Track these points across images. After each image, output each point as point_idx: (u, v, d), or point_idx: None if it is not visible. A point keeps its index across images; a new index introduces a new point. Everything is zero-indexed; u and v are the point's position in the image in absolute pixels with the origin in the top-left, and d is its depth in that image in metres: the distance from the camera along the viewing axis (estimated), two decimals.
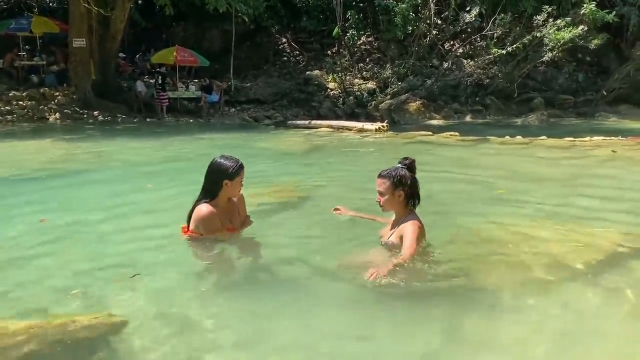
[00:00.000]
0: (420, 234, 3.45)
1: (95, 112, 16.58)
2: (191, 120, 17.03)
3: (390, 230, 3.61)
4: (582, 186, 6.04)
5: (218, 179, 3.63)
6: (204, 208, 3.61)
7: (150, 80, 19.36)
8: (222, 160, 3.66)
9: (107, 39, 18.24)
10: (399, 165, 3.55)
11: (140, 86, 18.42)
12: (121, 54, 21.75)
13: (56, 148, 9.85)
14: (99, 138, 11.87)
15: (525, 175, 6.75)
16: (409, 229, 3.40)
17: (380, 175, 3.55)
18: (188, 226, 3.74)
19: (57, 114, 16.00)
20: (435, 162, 7.95)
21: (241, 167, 3.67)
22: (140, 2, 22.28)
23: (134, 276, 3.40)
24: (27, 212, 5.03)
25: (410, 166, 3.54)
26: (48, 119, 15.77)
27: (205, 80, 19.80)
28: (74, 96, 17.03)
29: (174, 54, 18.75)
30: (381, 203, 3.54)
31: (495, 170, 7.17)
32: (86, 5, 15.27)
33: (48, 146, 10.11)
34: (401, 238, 3.42)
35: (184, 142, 10.88)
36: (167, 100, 17.95)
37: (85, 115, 16.33)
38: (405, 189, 3.47)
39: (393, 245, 3.51)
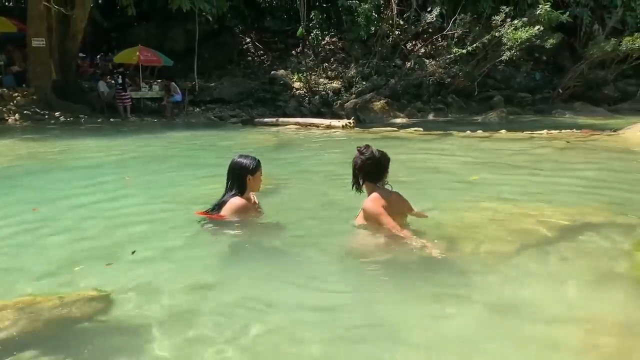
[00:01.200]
0: (378, 204, 3.62)
1: (56, 113, 16.23)
2: (155, 120, 16.87)
3: None
4: (540, 171, 6.35)
5: (242, 176, 3.96)
6: (238, 201, 3.94)
7: (112, 81, 19.08)
8: (242, 159, 4.02)
9: (67, 39, 17.88)
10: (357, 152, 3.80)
11: (102, 86, 18.14)
12: (82, 54, 21.34)
13: (18, 147, 9.65)
14: (62, 137, 11.66)
15: (489, 163, 7.03)
16: (369, 209, 3.64)
17: None
18: (208, 212, 4.04)
19: (16, 115, 15.58)
20: (405, 153, 8.19)
21: (259, 163, 4.03)
22: (101, 1, 21.90)
23: (133, 252, 3.67)
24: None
25: (361, 151, 3.74)
26: (7, 120, 15.34)
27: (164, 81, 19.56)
28: (34, 97, 16.62)
29: (137, 53, 18.52)
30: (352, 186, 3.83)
31: (461, 159, 7.42)
32: (46, 3, 14.94)
33: (10, 145, 9.89)
34: (363, 217, 3.69)
35: (150, 140, 10.82)
36: (129, 100, 17.74)
37: (46, 116, 15.96)
38: (359, 173, 3.73)
39: (357, 225, 3.77)
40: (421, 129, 11.11)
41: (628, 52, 19.05)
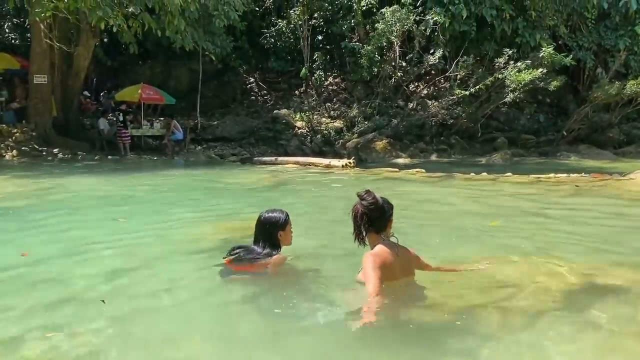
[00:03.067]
0: (374, 261, 3.22)
1: (55, 150, 16.10)
2: (155, 158, 16.68)
3: None
4: (549, 217, 5.99)
5: (273, 232, 3.86)
6: (280, 258, 3.87)
7: (114, 118, 19.05)
8: (270, 214, 3.91)
9: (70, 76, 17.94)
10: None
11: (102, 124, 18.07)
12: (86, 92, 21.42)
13: (7, 184, 9.39)
14: (54, 175, 11.42)
15: (496, 209, 6.68)
16: (364, 263, 3.28)
17: None
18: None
19: (14, 151, 15.45)
20: (406, 198, 7.87)
21: (288, 216, 3.94)
22: (105, 40, 22.08)
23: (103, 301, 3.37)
24: None
25: (362, 197, 3.38)
26: (4, 156, 15.20)
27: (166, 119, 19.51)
28: (33, 133, 16.53)
29: (139, 91, 18.53)
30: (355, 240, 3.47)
31: (466, 205, 7.08)
32: (48, 41, 14.99)
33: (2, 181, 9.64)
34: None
35: (143, 179, 10.53)
36: (128, 138, 17.64)
37: (44, 153, 15.83)
38: (361, 222, 3.37)
39: (360, 281, 3.37)
40: (423, 171, 10.82)
41: (632, 96, 18.92)
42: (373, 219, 3.34)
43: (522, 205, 7.01)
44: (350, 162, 12.04)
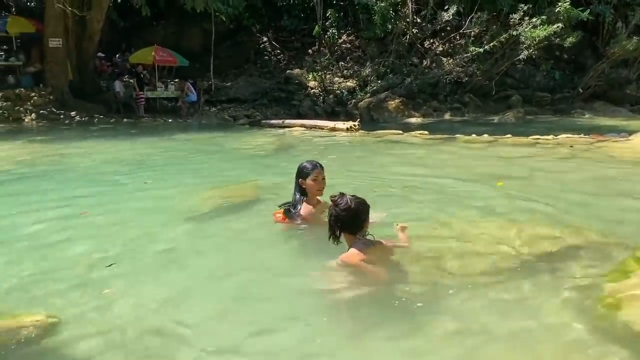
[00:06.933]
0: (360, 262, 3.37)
1: (72, 113, 16.53)
2: (170, 120, 17.01)
3: None
4: (532, 185, 6.17)
5: (297, 180, 4.34)
6: (305, 207, 4.29)
7: (130, 80, 19.35)
8: (302, 164, 4.36)
9: (84, 39, 18.19)
10: (331, 205, 3.50)
11: (118, 86, 18.39)
12: (100, 54, 21.66)
13: (25, 149, 9.86)
14: (71, 139, 11.85)
15: (483, 174, 6.84)
16: (343, 262, 3.39)
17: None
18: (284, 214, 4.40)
19: (33, 114, 15.93)
20: (397, 162, 8.08)
21: (315, 166, 4.27)
22: (119, 1, 22.17)
23: (110, 265, 3.74)
24: None
25: (336, 202, 3.45)
26: (24, 119, 15.70)
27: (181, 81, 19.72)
28: (51, 97, 16.95)
29: (152, 53, 18.72)
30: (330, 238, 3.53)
31: (454, 168, 7.27)
32: (59, 5, 15.20)
33: (18, 148, 10.10)
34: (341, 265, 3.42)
35: (151, 144, 10.89)
36: (143, 100, 17.95)
37: (61, 116, 16.27)
38: (340, 225, 3.43)
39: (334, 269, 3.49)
40: (426, 132, 10.91)
41: None
42: (347, 222, 3.41)
43: (509, 170, 7.15)
44: (354, 125, 12.17)
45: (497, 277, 3.51)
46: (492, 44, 18.94)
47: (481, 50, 19.18)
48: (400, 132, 11.27)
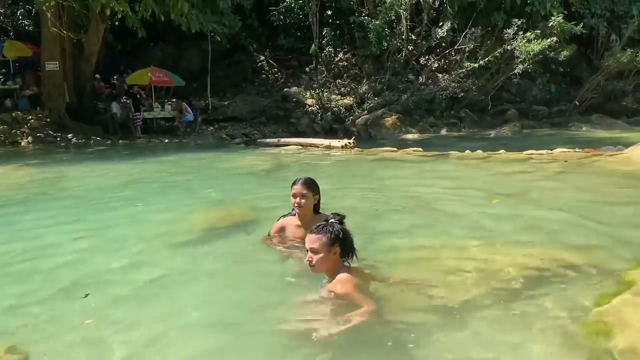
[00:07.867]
0: (355, 286, 3.23)
1: (69, 135, 16.58)
2: (166, 140, 17.01)
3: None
4: (523, 203, 6.11)
5: None
6: (276, 224, 4.43)
7: (127, 101, 19.42)
8: None
9: (81, 62, 18.32)
10: (332, 220, 3.40)
11: (115, 107, 18.45)
12: (97, 76, 21.77)
13: (16, 173, 9.84)
14: (65, 162, 11.85)
15: (475, 191, 6.78)
16: (345, 291, 3.19)
17: (312, 232, 3.33)
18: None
19: (29, 137, 15.97)
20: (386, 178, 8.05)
21: (293, 182, 4.24)
22: (117, 23, 22.32)
23: (86, 296, 3.64)
24: None
25: (342, 221, 3.40)
26: (20, 143, 15.74)
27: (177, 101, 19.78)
28: (48, 119, 17.03)
29: (149, 74, 18.82)
30: (313, 262, 3.27)
31: (446, 187, 7.21)
32: (54, 29, 15.32)
33: (8, 172, 10.08)
34: (335, 295, 3.24)
35: (144, 166, 10.86)
36: (140, 120, 18.01)
37: (58, 139, 16.32)
38: (341, 244, 3.31)
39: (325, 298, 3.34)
40: (421, 149, 10.89)
41: None
42: (349, 247, 3.36)
43: (502, 187, 7.08)
44: (349, 143, 12.16)
45: (484, 303, 3.40)
46: (487, 59, 19.04)
47: (476, 65, 19.27)
48: (395, 149, 11.25)
